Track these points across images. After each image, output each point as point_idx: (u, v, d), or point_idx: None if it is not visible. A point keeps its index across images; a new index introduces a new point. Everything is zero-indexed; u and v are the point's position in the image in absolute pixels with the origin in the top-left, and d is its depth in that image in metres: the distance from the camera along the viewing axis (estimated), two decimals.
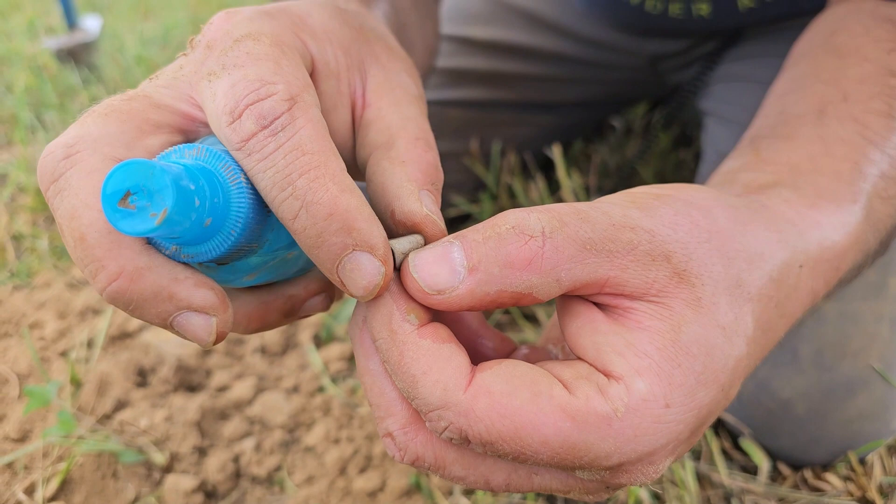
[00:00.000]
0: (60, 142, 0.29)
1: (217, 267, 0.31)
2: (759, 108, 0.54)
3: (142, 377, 0.82)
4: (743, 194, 0.39)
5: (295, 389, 0.81)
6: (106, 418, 0.76)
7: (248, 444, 0.73)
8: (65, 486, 0.69)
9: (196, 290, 0.28)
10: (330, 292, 0.38)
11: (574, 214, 0.30)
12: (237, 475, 0.71)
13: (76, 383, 0.80)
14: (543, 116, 1.07)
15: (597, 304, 0.31)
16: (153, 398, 0.78)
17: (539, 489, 0.32)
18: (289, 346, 0.88)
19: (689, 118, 1.21)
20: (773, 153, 0.46)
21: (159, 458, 0.71)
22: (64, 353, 0.86)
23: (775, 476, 0.68)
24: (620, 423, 0.27)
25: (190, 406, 0.76)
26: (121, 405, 0.78)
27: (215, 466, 0.70)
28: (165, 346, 0.85)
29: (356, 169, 0.38)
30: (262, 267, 0.32)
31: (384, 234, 0.30)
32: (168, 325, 0.29)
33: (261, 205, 0.30)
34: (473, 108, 1.02)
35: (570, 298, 0.32)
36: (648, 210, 0.32)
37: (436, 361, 0.29)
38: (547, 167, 1.14)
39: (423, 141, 0.36)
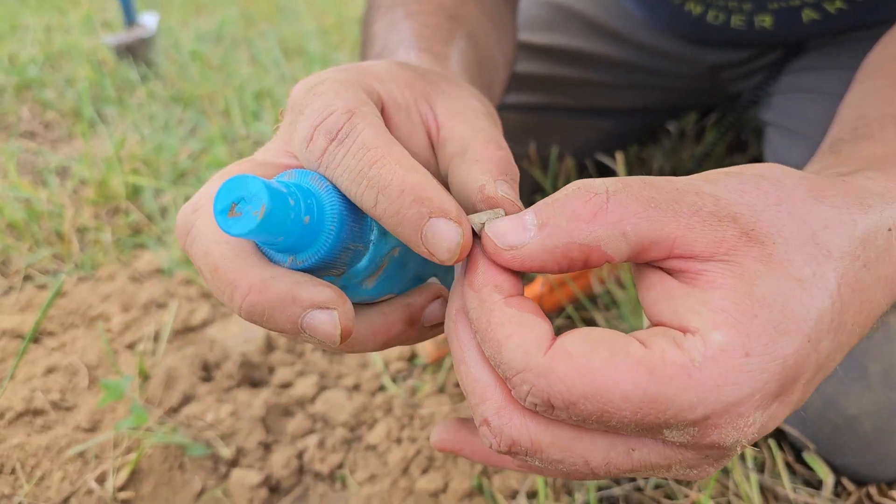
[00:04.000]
0: (190, 202, 0.35)
1: (336, 278, 0.35)
2: (835, 119, 0.53)
3: (206, 372, 0.84)
4: None
5: (356, 388, 0.82)
6: (173, 411, 0.78)
7: (311, 441, 0.75)
8: (134, 477, 0.71)
9: (315, 289, 0.32)
10: (446, 296, 0.40)
11: (638, 179, 0.32)
12: (300, 471, 0.73)
13: (144, 376, 0.82)
14: (601, 121, 1.07)
15: (670, 273, 0.32)
16: (218, 393, 0.80)
17: (640, 466, 0.32)
18: None
19: (744, 123, 1.20)
20: (854, 151, 0.45)
21: (226, 452, 0.73)
22: (131, 346, 0.89)
23: (839, 491, 0.68)
24: (699, 372, 0.28)
25: (255, 402, 0.78)
26: (187, 399, 0.80)
27: (280, 462, 0.72)
28: (230, 341, 0.87)
29: (443, 183, 0.40)
30: (375, 271, 0.36)
31: (454, 200, 0.33)
32: (299, 329, 0.32)
33: (353, 207, 0.34)
34: (532, 113, 1.02)
35: (644, 270, 0.33)
36: (714, 180, 0.33)
37: (519, 327, 0.30)
38: (603, 171, 1.14)
39: (495, 143, 0.38)
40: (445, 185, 0.40)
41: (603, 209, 0.30)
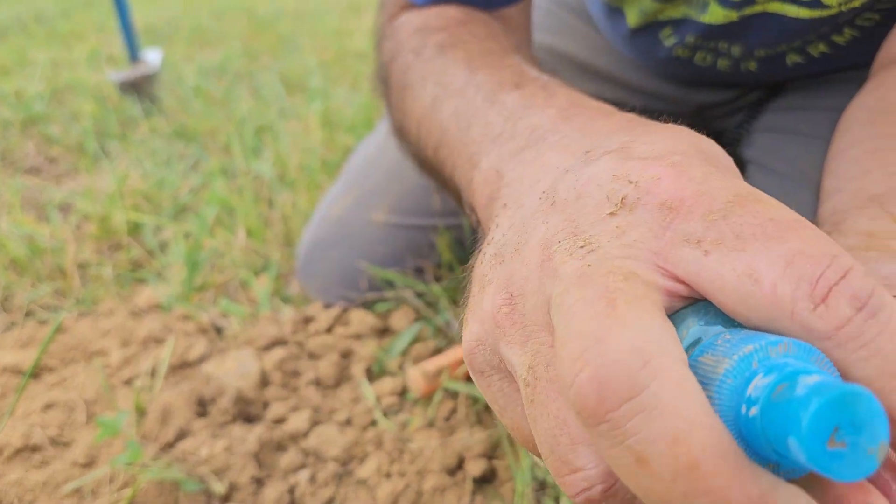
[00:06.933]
0: (626, 346, 0.24)
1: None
2: (850, 164, 0.54)
3: (202, 407, 0.86)
4: None
5: (348, 422, 0.84)
6: (168, 446, 0.80)
7: (302, 476, 0.76)
8: None
9: None
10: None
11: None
12: None
13: (140, 411, 0.84)
14: None
15: None
16: (213, 428, 0.82)
17: None
18: (342, 378, 0.91)
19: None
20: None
21: (219, 487, 0.74)
22: (128, 381, 0.90)
23: None
24: None
25: (249, 437, 0.80)
26: (182, 434, 0.82)
27: (272, 497, 0.74)
28: (225, 377, 0.88)
29: None
30: None
31: None
32: None
33: None
34: None
35: None
36: None
37: None
38: None
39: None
40: None
41: None
